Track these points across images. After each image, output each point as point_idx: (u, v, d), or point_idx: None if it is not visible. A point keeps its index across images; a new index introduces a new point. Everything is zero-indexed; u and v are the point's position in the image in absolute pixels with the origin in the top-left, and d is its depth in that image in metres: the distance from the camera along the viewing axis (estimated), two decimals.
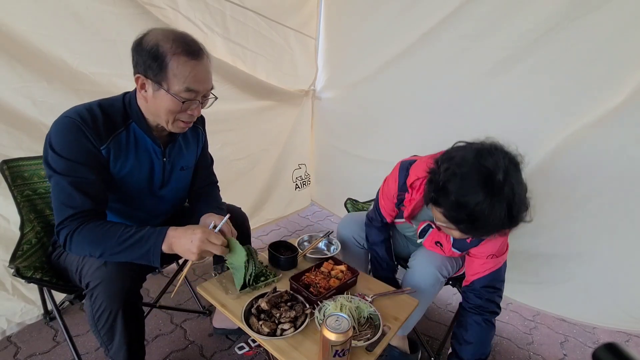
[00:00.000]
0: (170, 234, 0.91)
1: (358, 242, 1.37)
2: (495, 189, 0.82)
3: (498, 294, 1.12)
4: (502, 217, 0.83)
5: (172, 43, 0.88)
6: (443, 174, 0.89)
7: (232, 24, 1.81)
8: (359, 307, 0.99)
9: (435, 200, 0.92)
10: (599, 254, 1.50)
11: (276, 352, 0.87)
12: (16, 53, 1.19)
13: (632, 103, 1.24)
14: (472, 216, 0.84)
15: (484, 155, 0.86)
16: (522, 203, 0.85)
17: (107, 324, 0.92)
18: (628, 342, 1.64)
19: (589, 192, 1.43)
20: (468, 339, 1.12)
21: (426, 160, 1.07)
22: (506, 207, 0.82)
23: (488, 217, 0.82)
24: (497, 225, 0.85)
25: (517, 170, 0.86)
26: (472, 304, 1.13)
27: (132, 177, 1.03)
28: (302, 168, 2.69)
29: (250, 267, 1.07)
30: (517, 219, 0.86)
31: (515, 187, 0.83)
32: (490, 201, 0.81)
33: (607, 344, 0.46)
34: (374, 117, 2.17)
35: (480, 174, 0.83)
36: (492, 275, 1.10)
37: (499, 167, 0.83)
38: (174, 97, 0.91)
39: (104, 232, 0.90)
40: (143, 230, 0.91)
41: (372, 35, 2.00)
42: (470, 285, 1.14)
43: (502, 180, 0.82)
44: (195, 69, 0.90)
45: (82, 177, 0.91)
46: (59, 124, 0.91)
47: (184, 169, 1.17)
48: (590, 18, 1.26)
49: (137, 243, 0.89)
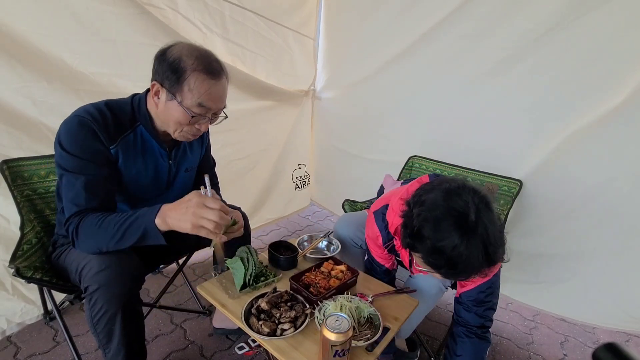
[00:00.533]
0: (164, 207, 0.86)
1: (355, 242, 1.37)
2: (469, 229, 0.80)
3: (488, 307, 1.07)
4: (479, 257, 0.80)
5: (194, 60, 0.90)
6: (416, 219, 0.87)
7: (232, 24, 1.81)
8: (359, 307, 0.99)
9: (412, 246, 0.90)
10: (599, 254, 1.50)
11: (276, 352, 0.87)
12: (16, 53, 1.19)
13: (632, 103, 1.24)
14: (450, 261, 0.81)
15: (453, 196, 0.84)
16: (497, 241, 0.82)
17: (106, 327, 0.92)
18: (628, 342, 1.64)
19: (589, 192, 1.43)
20: (458, 352, 1.09)
21: (396, 203, 1.03)
22: (482, 246, 0.80)
23: (467, 260, 0.80)
24: (476, 267, 0.82)
25: (488, 210, 0.83)
26: (461, 317, 1.10)
27: (138, 179, 1.04)
28: (302, 168, 2.69)
29: (250, 267, 1.08)
30: (494, 258, 0.83)
31: (489, 226, 0.81)
32: (467, 242, 0.79)
33: (607, 344, 0.46)
34: (374, 117, 2.17)
35: (453, 216, 0.81)
36: (479, 288, 1.05)
37: (470, 207, 0.81)
38: (185, 110, 0.92)
39: (100, 223, 0.88)
40: (137, 211, 0.88)
41: (372, 35, 2.00)
42: (459, 298, 1.10)
43: (475, 219, 0.80)
44: (211, 88, 0.92)
45: (91, 175, 0.91)
46: (69, 123, 0.92)
47: (188, 170, 1.19)
48: (590, 18, 1.26)
49: (133, 224, 0.86)
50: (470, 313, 1.07)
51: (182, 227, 0.83)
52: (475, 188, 0.87)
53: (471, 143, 1.72)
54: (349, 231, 1.38)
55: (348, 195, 1.79)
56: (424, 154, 1.78)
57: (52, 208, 1.23)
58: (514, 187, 1.52)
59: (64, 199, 0.92)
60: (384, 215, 1.12)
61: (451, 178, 0.93)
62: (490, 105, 1.62)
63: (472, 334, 1.07)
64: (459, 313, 1.11)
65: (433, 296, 1.19)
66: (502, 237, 0.85)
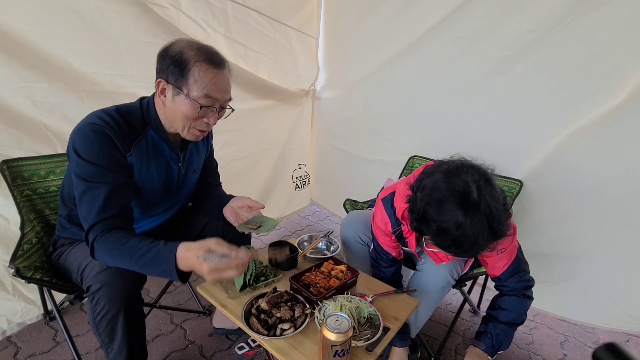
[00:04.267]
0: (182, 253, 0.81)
1: (362, 239, 1.37)
2: (472, 207, 0.82)
3: (525, 275, 1.14)
4: (484, 233, 0.83)
5: (196, 51, 0.91)
6: (420, 203, 0.90)
7: (234, 23, 1.81)
8: (359, 307, 1.00)
9: (419, 230, 0.94)
10: (599, 254, 1.50)
11: (276, 352, 0.87)
12: (16, 53, 1.19)
13: (632, 103, 1.24)
14: (457, 240, 0.84)
15: (453, 177, 0.87)
16: (500, 215, 0.85)
17: (108, 327, 0.92)
18: (628, 342, 1.64)
19: (589, 192, 1.43)
20: (504, 306, 1.14)
21: (402, 189, 1.06)
22: (486, 222, 0.82)
23: (472, 237, 0.83)
24: (482, 243, 0.85)
25: (489, 185, 0.86)
26: (507, 286, 1.14)
27: (151, 183, 1.05)
28: (302, 168, 2.69)
29: (251, 267, 1.08)
30: (499, 232, 0.86)
31: (490, 202, 0.83)
32: (471, 220, 0.82)
33: (607, 344, 0.46)
34: (374, 117, 2.17)
35: (454, 197, 0.84)
36: (512, 266, 1.11)
37: (470, 186, 0.83)
38: (192, 102, 0.92)
39: (120, 246, 0.85)
40: (155, 247, 0.84)
41: (371, 35, 2.00)
42: (497, 280, 1.16)
43: (477, 197, 0.82)
44: (215, 77, 0.93)
45: (111, 183, 0.90)
46: (84, 131, 0.90)
47: (195, 172, 1.21)
48: (590, 18, 1.26)
49: (152, 262, 0.84)
50: (513, 283, 1.13)
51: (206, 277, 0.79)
52: (474, 165, 0.89)
53: (471, 143, 1.71)
54: (356, 228, 1.37)
55: (348, 195, 1.79)
56: (424, 154, 1.78)
57: (52, 208, 1.23)
58: (514, 187, 1.52)
59: (82, 207, 0.89)
60: (392, 202, 1.14)
61: (450, 159, 0.95)
62: (490, 105, 1.62)
63: (520, 294, 1.13)
64: (503, 286, 1.15)
65: (440, 290, 1.20)
66: (506, 211, 0.88)
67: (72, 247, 1.06)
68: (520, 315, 1.13)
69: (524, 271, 1.14)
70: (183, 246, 0.82)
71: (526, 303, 1.14)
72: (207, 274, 0.77)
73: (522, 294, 1.14)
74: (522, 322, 1.14)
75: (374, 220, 1.26)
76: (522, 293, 1.14)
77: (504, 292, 1.16)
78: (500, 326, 1.12)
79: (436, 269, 1.18)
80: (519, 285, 1.13)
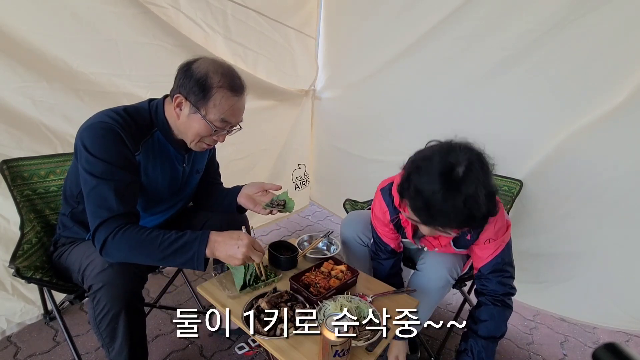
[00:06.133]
0: (213, 238, 0.90)
1: (362, 240, 1.37)
2: (452, 182, 0.84)
3: (507, 276, 1.12)
4: (458, 212, 0.85)
5: (220, 77, 0.94)
6: (409, 166, 0.95)
7: (234, 23, 1.80)
8: (359, 307, 1.00)
9: (402, 193, 0.97)
10: (599, 254, 1.50)
11: (276, 352, 0.87)
12: (16, 53, 1.19)
13: (632, 103, 1.24)
14: (427, 204, 0.87)
15: (450, 151, 0.90)
16: (482, 204, 0.85)
17: (109, 326, 0.92)
18: (628, 342, 1.64)
19: (590, 192, 1.43)
20: (482, 317, 1.12)
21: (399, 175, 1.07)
22: (463, 203, 0.84)
23: (442, 208, 0.85)
24: (453, 219, 0.87)
25: (483, 171, 0.87)
26: (486, 288, 1.14)
27: (156, 182, 1.06)
28: (302, 168, 2.69)
29: (251, 267, 1.08)
30: (477, 219, 0.87)
31: (477, 185, 0.84)
32: (445, 193, 0.84)
33: (607, 344, 0.46)
34: (374, 117, 2.17)
35: (441, 167, 0.87)
36: (495, 260, 1.11)
37: (460, 163, 0.86)
38: (208, 124, 0.96)
39: (144, 238, 0.88)
40: (184, 236, 0.90)
41: (372, 35, 2.00)
42: (478, 274, 1.15)
43: (462, 175, 0.84)
44: (235, 105, 0.98)
45: (120, 181, 0.91)
46: (93, 128, 0.91)
47: (198, 172, 1.23)
48: (590, 18, 1.26)
49: (180, 249, 0.88)
50: (493, 283, 1.12)
51: (230, 261, 0.91)
52: (475, 149, 0.92)
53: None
54: (356, 228, 1.38)
55: (348, 195, 1.79)
56: None
57: (52, 208, 1.23)
58: (514, 187, 1.52)
59: (90, 205, 0.90)
60: (390, 191, 1.16)
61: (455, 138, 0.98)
62: (490, 105, 1.62)
63: (497, 301, 1.11)
64: (483, 285, 1.15)
65: (440, 289, 1.20)
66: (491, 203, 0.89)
67: (73, 247, 1.06)
68: (500, 326, 1.11)
69: (507, 272, 1.12)
70: (214, 232, 0.91)
71: (505, 313, 1.12)
72: (245, 245, 0.88)
73: (501, 300, 1.11)
74: (502, 334, 1.12)
75: (373, 211, 1.27)
76: (501, 300, 1.11)
77: (483, 293, 1.14)
78: (481, 342, 1.10)
79: (436, 268, 1.18)
80: (499, 288, 1.11)
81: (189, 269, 0.92)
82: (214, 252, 0.89)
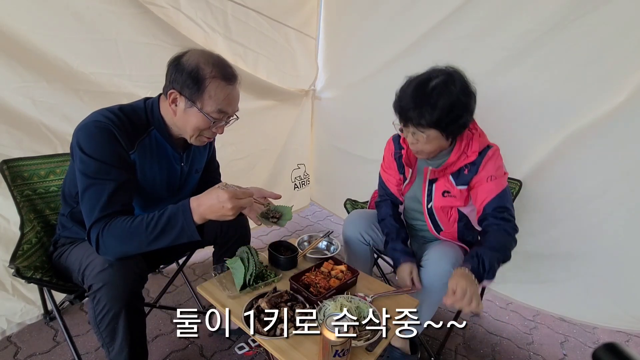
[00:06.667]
0: (194, 205, 0.88)
1: (364, 238, 1.37)
2: (425, 90, 1.04)
3: (510, 213, 1.16)
4: (425, 97, 1.04)
5: (212, 67, 0.93)
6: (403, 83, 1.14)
7: (234, 23, 1.81)
8: (359, 307, 1.00)
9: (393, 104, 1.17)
10: (599, 254, 1.49)
11: (276, 352, 0.87)
12: (16, 53, 1.19)
13: (632, 103, 1.24)
14: (400, 97, 1.12)
15: (436, 71, 1.08)
16: (449, 112, 1.03)
17: (109, 326, 0.92)
18: (628, 342, 1.64)
19: (590, 192, 1.43)
20: (488, 236, 1.13)
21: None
22: (430, 107, 1.03)
23: (409, 105, 1.07)
24: (419, 104, 1.05)
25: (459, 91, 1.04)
26: (489, 226, 1.15)
27: (153, 182, 1.05)
28: (301, 168, 2.69)
29: (251, 267, 1.08)
30: (441, 121, 1.05)
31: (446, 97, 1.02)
32: (414, 94, 1.06)
33: (607, 344, 0.46)
34: (374, 117, 2.16)
35: (420, 78, 1.08)
36: (498, 196, 1.14)
37: (439, 78, 1.04)
38: (205, 116, 0.95)
39: (129, 226, 0.87)
40: (166, 211, 0.88)
41: (372, 35, 1.99)
42: (482, 213, 1.17)
43: (434, 86, 1.03)
44: (230, 94, 0.96)
45: (114, 180, 0.90)
46: (88, 128, 0.91)
47: (197, 172, 1.22)
48: (590, 18, 1.26)
49: (168, 225, 0.87)
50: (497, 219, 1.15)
51: (225, 218, 0.88)
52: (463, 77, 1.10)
53: None
54: (359, 227, 1.38)
55: (348, 195, 1.79)
56: None
57: (52, 208, 1.23)
58: (514, 187, 1.52)
59: (85, 204, 0.90)
60: (398, 135, 1.36)
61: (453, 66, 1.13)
62: (490, 105, 1.61)
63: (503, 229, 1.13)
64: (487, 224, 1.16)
65: (444, 286, 1.19)
66: (464, 97, 1.07)
67: (73, 247, 1.06)
68: (504, 246, 1.12)
69: (509, 211, 1.15)
70: (193, 198, 0.89)
71: (510, 239, 1.13)
72: (229, 200, 0.84)
73: (505, 229, 1.13)
74: (505, 256, 1.11)
75: (383, 160, 1.44)
76: (505, 229, 1.13)
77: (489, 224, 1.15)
78: (485, 250, 1.09)
79: (440, 264, 1.18)
80: (503, 223, 1.14)
81: (186, 240, 0.88)
82: (205, 217, 0.87)
